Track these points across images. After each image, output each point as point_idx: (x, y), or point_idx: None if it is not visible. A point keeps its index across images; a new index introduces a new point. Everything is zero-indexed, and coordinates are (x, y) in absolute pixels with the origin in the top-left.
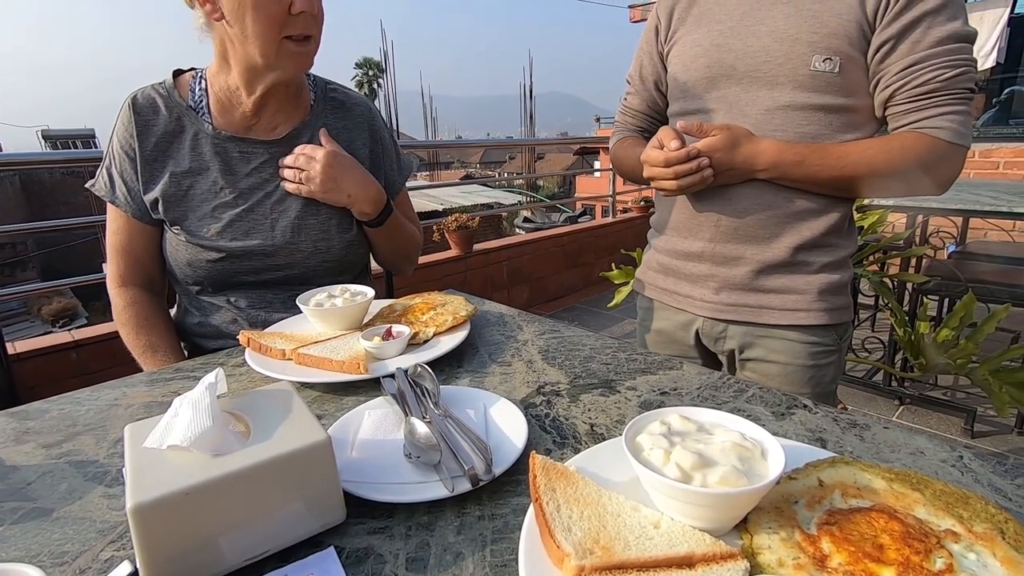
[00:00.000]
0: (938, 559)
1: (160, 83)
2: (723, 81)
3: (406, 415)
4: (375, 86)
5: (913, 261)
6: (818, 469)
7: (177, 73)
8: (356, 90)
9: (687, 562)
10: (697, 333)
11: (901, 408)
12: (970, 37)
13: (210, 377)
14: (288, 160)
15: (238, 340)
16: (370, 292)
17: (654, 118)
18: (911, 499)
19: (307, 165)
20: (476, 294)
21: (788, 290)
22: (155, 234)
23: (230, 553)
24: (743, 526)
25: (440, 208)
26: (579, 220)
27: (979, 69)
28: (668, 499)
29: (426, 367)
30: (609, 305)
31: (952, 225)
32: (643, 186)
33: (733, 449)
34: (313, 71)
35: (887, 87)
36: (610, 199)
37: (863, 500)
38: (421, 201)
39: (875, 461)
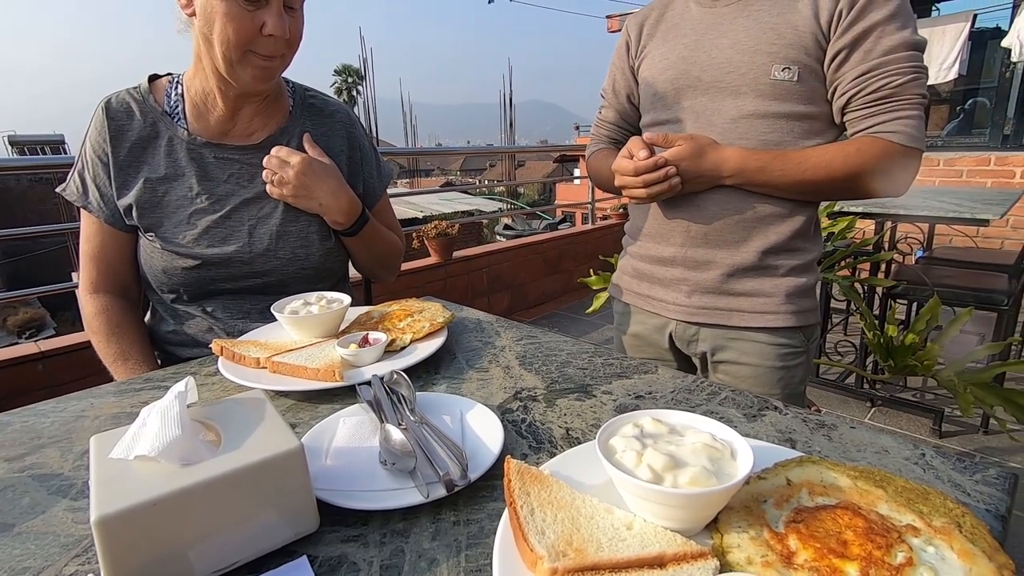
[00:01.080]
0: (899, 553)
1: (135, 87)
2: (690, 92)
3: (381, 422)
4: (354, 93)
5: (883, 266)
6: (786, 468)
7: (153, 78)
8: (335, 97)
9: (659, 562)
10: (671, 336)
11: (873, 409)
12: (919, 46)
13: (179, 386)
14: (264, 160)
15: (211, 349)
16: (346, 299)
17: (627, 130)
18: (874, 496)
19: (280, 169)
20: (457, 301)
21: (757, 293)
22: (129, 240)
23: (199, 565)
24: (714, 526)
25: (420, 215)
26: (559, 227)
27: (942, 80)
28: (640, 500)
29: (402, 374)
30: (588, 311)
31: (919, 231)
32: (619, 195)
33: (703, 450)
34: (292, 77)
35: (843, 94)
36: (589, 206)
37: (829, 498)
38: (401, 208)
39: (842, 460)
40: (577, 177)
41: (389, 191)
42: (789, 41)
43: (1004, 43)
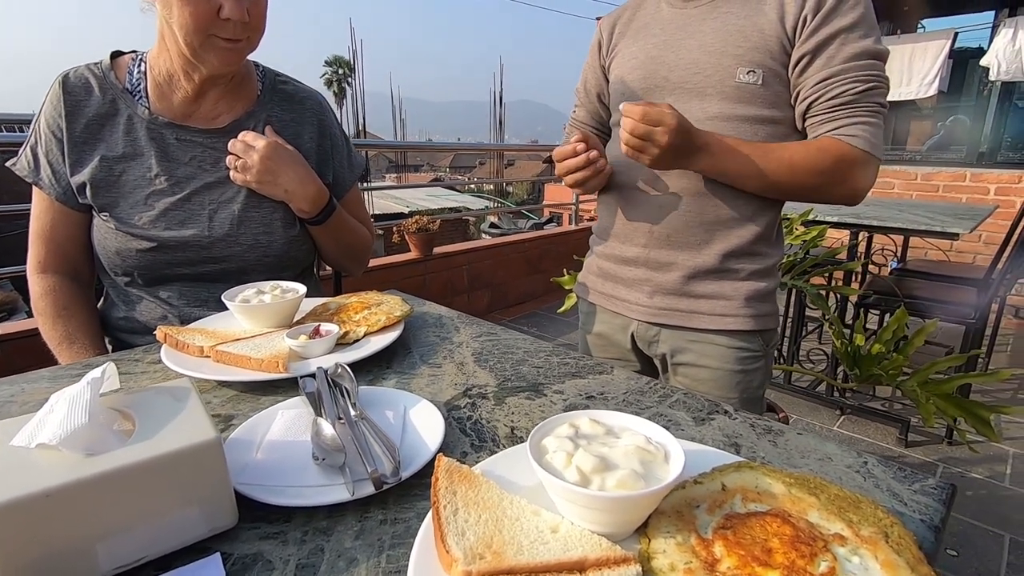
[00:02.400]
0: (822, 562)
1: (96, 63)
2: (657, 92)
3: (317, 416)
4: (344, 85)
5: (856, 276)
6: (723, 473)
7: (116, 55)
8: (309, 85)
9: (579, 567)
10: (633, 337)
11: (842, 418)
12: (882, 55)
13: (95, 372)
14: (229, 144)
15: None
16: (301, 289)
17: (599, 129)
18: (806, 503)
19: (245, 153)
20: (435, 299)
21: (717, 296)
22: (81, 220)
23: (102, 560)
24: (644, 530)
25: (406, 210)
26: (545, 227)
27: (923, 96)
28: (566, 502)
29: (346, 367)
30: (560, 310)
31: (894, 244)
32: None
33: (636, 452)
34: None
35: (805, 99)
36: (573, 207)
37: (761, 504)
38: (386, 203)
39: (785, 466)
40: None
41: (375, 183)
42: (754, 44)
43: (983, 62)
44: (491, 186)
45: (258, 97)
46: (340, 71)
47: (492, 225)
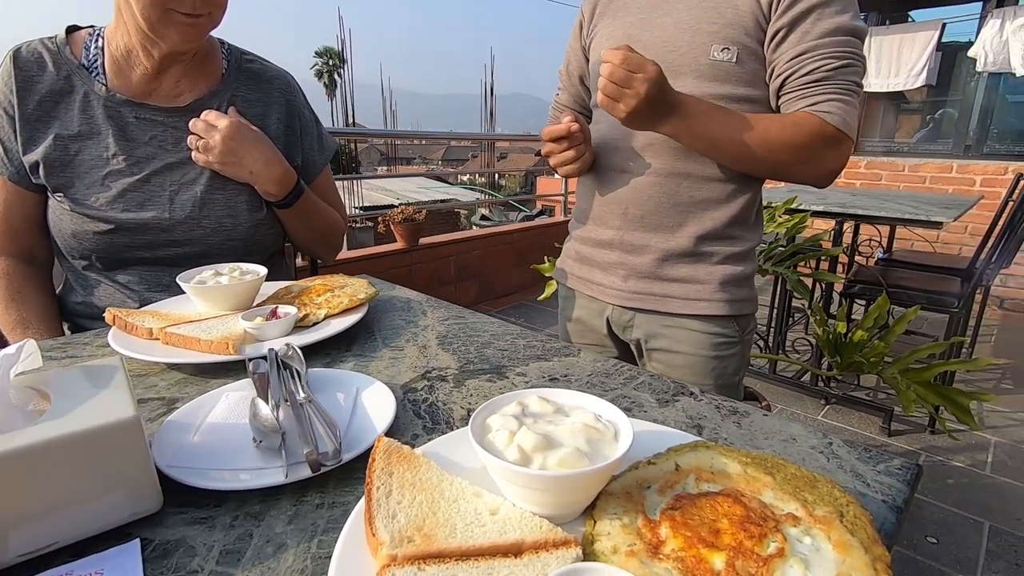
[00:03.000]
0: (771, 543)
1: (51, 38)
2: None
3: (257, 397)
4: (335, 76)
5: (841, 266)
6: (678, 453)
7: (72, 29)
8: (275, 64)
9: (516, 550)
10: (609, 322)
11: (827, 407)
12: (858, 32)
13: (9, 349)
14: (190, 124)
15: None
16: (261, 271)
17: (581, 112)
18: (761, 483)
19: (206, 133)
20: (422, 289)
21: (691, 280)
22: (37, 201)
23: (9, 545)
24: (591, 512)
25: (396, 202)
26: (536, 220)
27: (911, 87)
28: (506, 483)
29: (295, 347)
30: (540, 298)
31: (880, 235)
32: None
33: (582, 430)
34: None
35: (779, 75)
36: (562, 198)
37: (715, 484)
38: (376, 195)
39: (747, 447)
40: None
41: (365, 173)
42: (729, 21)
43: (971, 53)
44: (483, 180)
45: (223, 76)
46: (331, 62)
47: (483, 218)
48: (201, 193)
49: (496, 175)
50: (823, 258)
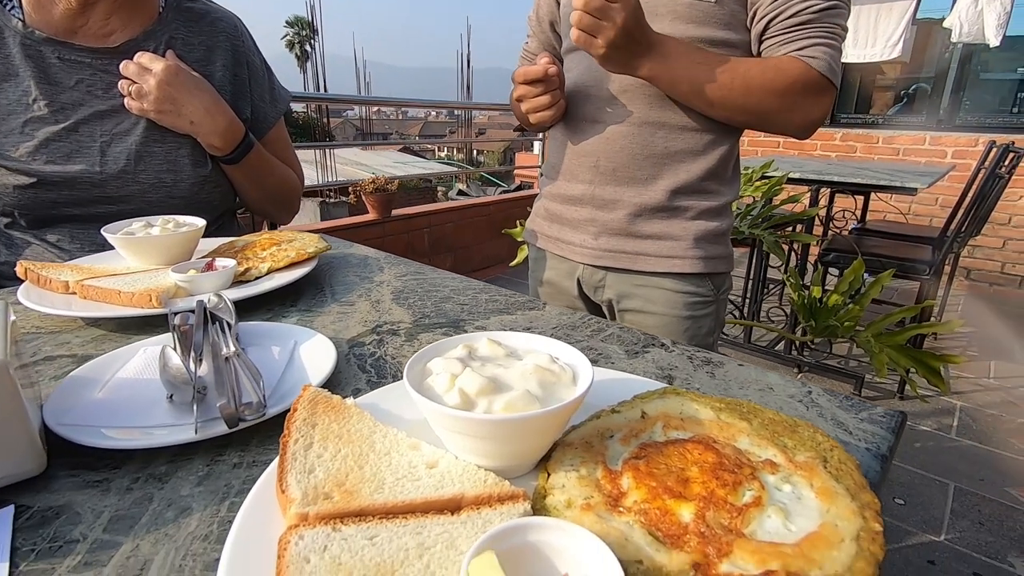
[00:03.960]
0: (747, 492)
1: None
2: None
3: (168, 346)
4: (307, 47)
5: (818, 242)
6: (645, 401)
7: None
8: (226, 8)
9: (453, 506)
10: (579, 283)
11: (800, 375)
12: None
13: None
14: (121, 67)
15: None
16: (199, 222)
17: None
18: (736, 429)
19: (140, 77)
20: None
21: (664, 236)
22: None
23: None
24: (544, 464)
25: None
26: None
27: (887, 58)
28: (445, 431)
29: (225, 298)
30: (512, 263)
31: (855, 205)
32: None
33: (535, 372)
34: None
35: (762, 18)
36: (540, 170)
37: (684, 432)
38: (352, 171)
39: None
40: (538, 139)
41: (341, 143)
42: None
43: (946, 23)
44: (461, 156)
45: (159, 14)
46: (302, 32)
47: (460, 192)
48: (136, 145)
49: (475, 152)
50: (799, 227)
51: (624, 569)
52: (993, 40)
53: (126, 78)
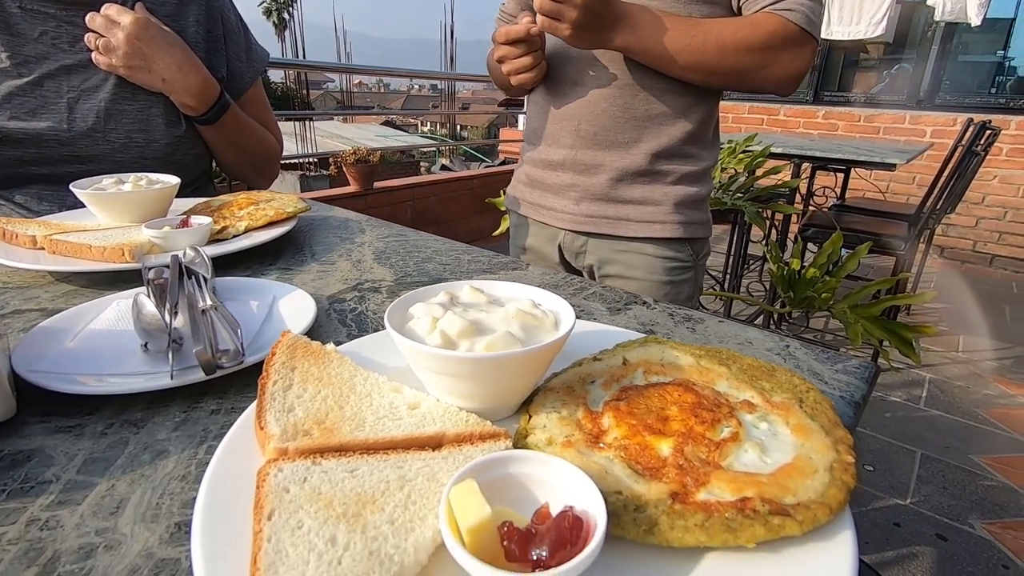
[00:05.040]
0: (725, 428)
1: None
2: None
3: (142, 294)
4: (285, 15)
5: (797, 218)
6: (626, 349)
7: None
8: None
9: (434, 443)
10: (561, 249)
11: None
12: None
13: None
14: (88, 20)
15: None
16: (173, 180)
17: None
18: (715, 373)
19: (107, 31)
20: None
21: (645, 201)
22: None
23: None
24: (526, 408)
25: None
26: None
27: (871, 36)
28: (426, 372)
29: (202, 251)
30: (495, 233)
31: (835, 181)
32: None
33: (516, 316)
34: None
35: None
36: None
37: (665, 376)
38: (332, 143)
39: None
40: (521, 112)
41: (320, 114)
42: None
43: (929, 1)
44: (444, 131)
45: None
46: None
47: (443, 167)
48: (106, 103)
49: (458, 127)
50: (780, 199)
51: (604, 499)
52: (975, 19)
53: (93, 31)
